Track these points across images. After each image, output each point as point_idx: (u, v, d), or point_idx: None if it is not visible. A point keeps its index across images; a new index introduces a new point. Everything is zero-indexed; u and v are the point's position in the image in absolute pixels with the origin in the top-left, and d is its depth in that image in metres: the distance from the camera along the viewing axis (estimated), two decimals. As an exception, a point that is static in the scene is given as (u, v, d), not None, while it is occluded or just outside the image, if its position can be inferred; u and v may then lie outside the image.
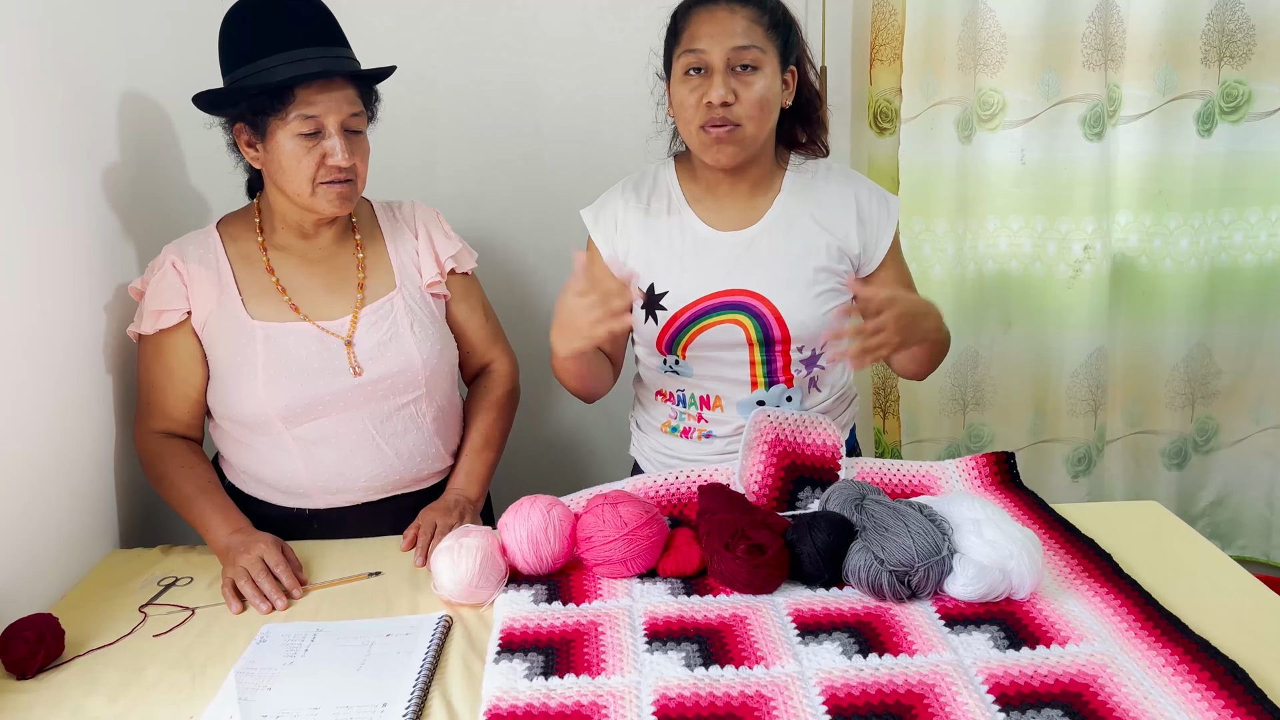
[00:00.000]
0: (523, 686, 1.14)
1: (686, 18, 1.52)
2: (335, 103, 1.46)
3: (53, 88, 1.49)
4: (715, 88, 1.47)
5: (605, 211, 1.67)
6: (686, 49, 1.50)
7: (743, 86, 1.49)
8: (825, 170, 1.65)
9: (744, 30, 1.48)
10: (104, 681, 1.22)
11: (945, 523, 1.34)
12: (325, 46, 1.47)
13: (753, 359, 1.60)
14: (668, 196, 1.64)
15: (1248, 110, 2.34)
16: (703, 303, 1.58)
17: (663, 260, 1.61)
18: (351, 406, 1.57)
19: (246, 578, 1.40)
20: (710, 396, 1.65)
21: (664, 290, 1.60)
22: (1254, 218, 2.42)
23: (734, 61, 1.48)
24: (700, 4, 1.51)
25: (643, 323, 1.63)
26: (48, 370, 1.46)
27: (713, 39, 1.48)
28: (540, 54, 2.20)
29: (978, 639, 1.20)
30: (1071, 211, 2.35)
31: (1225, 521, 2.65)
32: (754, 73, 1.49)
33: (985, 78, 2.28)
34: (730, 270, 1.59)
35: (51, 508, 1.46)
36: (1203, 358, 2.51)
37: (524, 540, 1.37)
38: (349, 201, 1.53)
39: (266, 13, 1.46)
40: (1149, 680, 1.11)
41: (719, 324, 1.58)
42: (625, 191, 1.67)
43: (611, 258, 1.64)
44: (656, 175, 1.68)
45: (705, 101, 1.48)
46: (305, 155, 1.46)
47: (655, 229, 1.63)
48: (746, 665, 1.16)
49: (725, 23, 1.48)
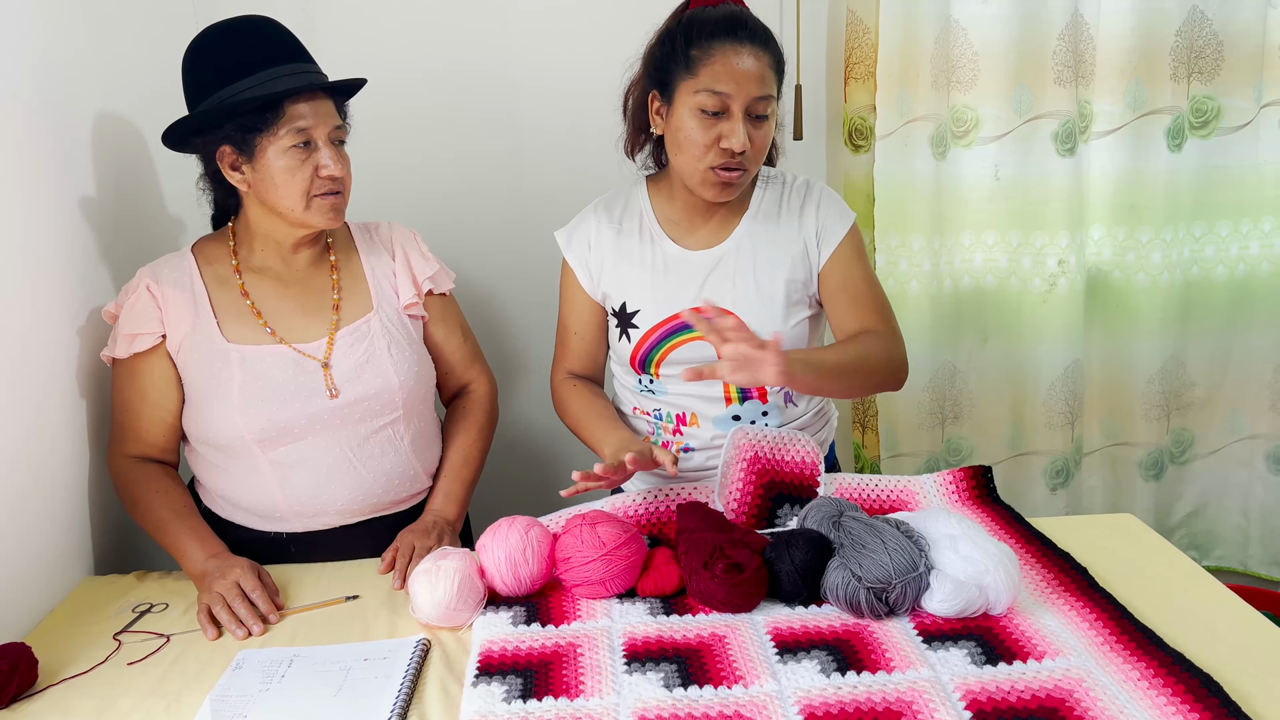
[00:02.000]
0: (501, 710, 1.13)
1: (708, 51, 1.47)
2: (321, 115, 1.48)
3: (26, 111, 1.49)
4: (736, 135, 1.46)
5: (578, 233, 1.68)
6: (708, 88, 1.46)
7: (756, 132, 1.49)
8: (790, 182, 1.67)
9: (764, 78, 1.47)
10: (78, 711, 1.21)
11: (922, 539, 1.34)
12: (301, 62, 1.49)
13: None
14: (639, 217, 1.66)
15: (1217, 125, 2.37)
16: (673, 321, 1.60)
17: (634, 279, 1.63)
18: (328, 429, 1.56)
19: (222, 603, 1.38)
20: (686, 414, 1.65)
21: (636, 309, 1.61)
22: (1225, 231, 2.45)
23: (753, 111, 1.48)
24: (724, 39, 1.47)
25: (617, 340, 1.65)
26: (21, 394, 1.44)
27: (738, 85, 1.45)
28: (520, 77, 2.22)
29: (955, 655, 1.20)
30: (1045, 226, 2.37)
31: (1202, 532, 2.67)
32: (766, 120, 1.50)
33: (959, 94, 2.30)
34: (700, 289, 1.60)
35: (25, 534, 1.44)
36: (1177, 370, 2.53)
37: (502, 562, 1.37)
38: (340, 214, 1.54)
39: (239, 36, 1.47)
40: (1124, 694, 1.11)
41: (690, 341, 1.60)
42: (598, 211, 1.68)
43: (586, 277, 1.66)
44: (629, 196, 1.69)
45: (723, 146, 1.48)
46: (299, 168, 1.47)
47: (627, 249, 1.64)
48: (725, 685, 1.16)
49: (751, 69, 1.46)
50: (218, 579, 1.42)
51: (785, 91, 1.63)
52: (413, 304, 1.67)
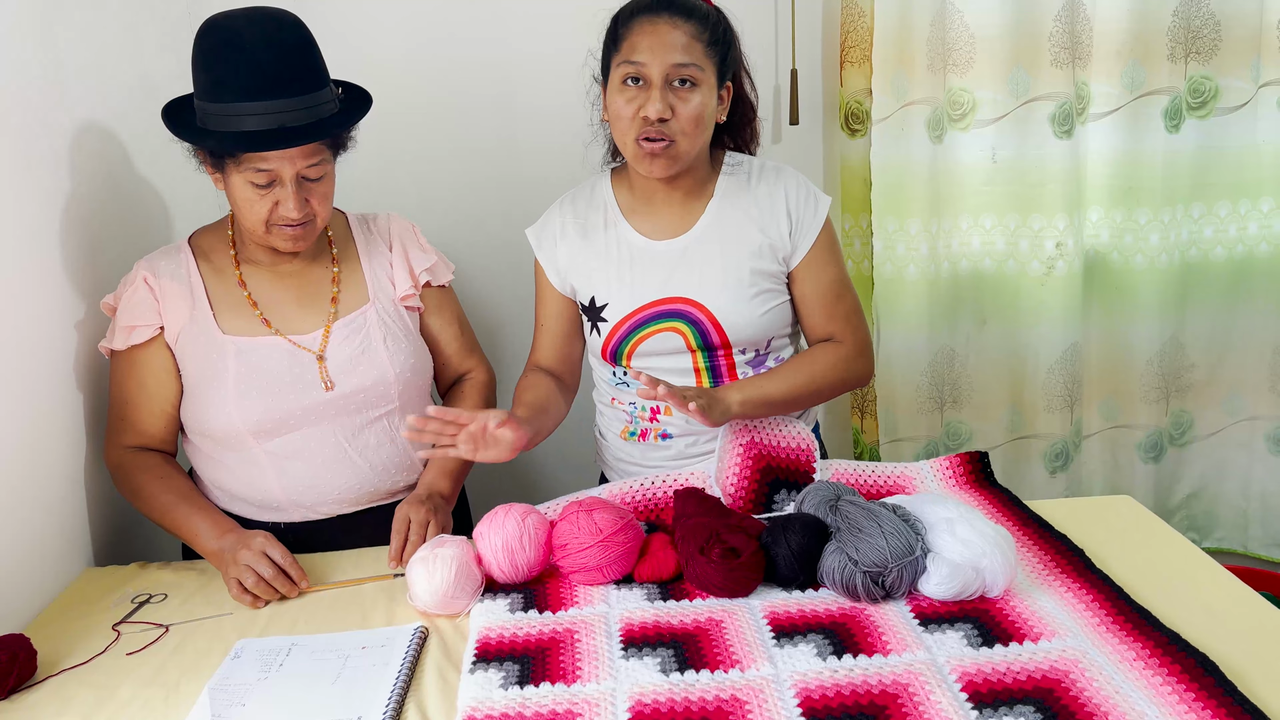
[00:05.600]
0: (498, 696, 1.14)
1: (628, 26, 1.51)
2: (290, 157, 1.43)
3: (15, 107, 1.48)
4: (653, 102, 1.47)
5: (545, 230, 1.69)
6: (626, 59, 1.49)
7: (679, 102, 1.49)
8: (758, 169, 1.65)
9: (684, 46, 1.48)
10: (77, 701, 1.21)
11: (919, 522, 1.34)
12: (288, 98, 1.41)
13: (696, 365, 1.61)
14: (604, 209, 1.66)
15: (1214, 105, 2.36)
16: (641, 312, 1.60)
17: (601, 272, 1.63)
18: (324, 420, 1.56)
19: (253, 574, 1.40)
20: (661, 405, 1.65)
21: (604, 302, 1.61)
22: (1223, 211, 2.44)
23: (672, 76, 1.48)
24: (642, 14, 1.50)
25: (589, 334, 1.66)
26: (17, 388, 1.45)
27: (653, 52, 1.47)
28: (516, 67, 2.21)
29: (951, 637, 1.21)
30: (1043, 209, 2.36)
31: (1202, 513, 2.67)
32: (691, 89, 1.49)
33: (955, 78, 2.29)
34: (666, 279, 1.60)
35: (23, 527, 1.44)
36: (1176, 351, 2.53)
37: (499, 549, 1.37)
38: (304, 241, 1.52)
39: (228, 52, 1.41)
40: (1120, 675, 1.11)
41: (658, 332, 1.60)
42: (563, 207, 1.69)
43: (555, 273, 1.67)
44: (594, 188, 1.69)
45: (642, 115, 1.48)
46: (258, 201, 1.46)
47: (593, 242, 1.64)
48: (722, 669, 1.16)
49: (666, 36, 1.48)
50: (241, 550, 1.42)
51: (745, 80, 1.63)
52: (409, 295, 1.66)
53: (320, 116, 1.45)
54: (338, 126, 1.49)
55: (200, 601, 1.44)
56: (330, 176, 1.52)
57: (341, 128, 1.50)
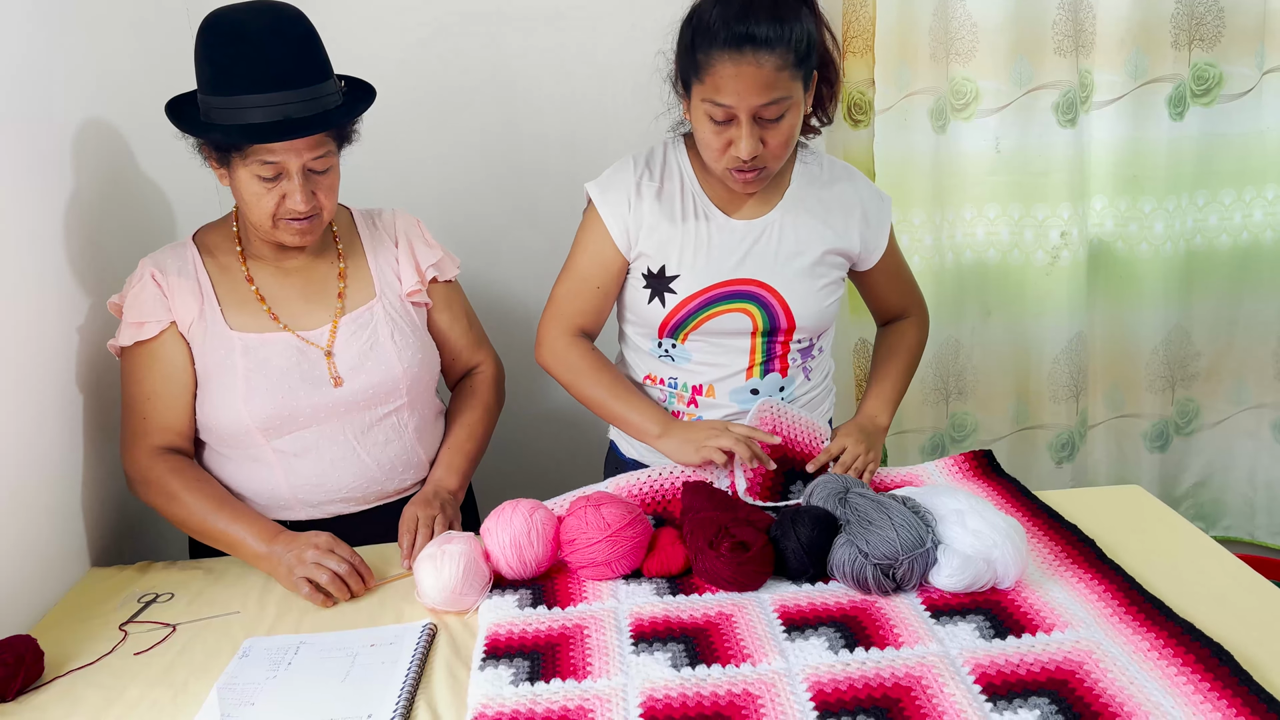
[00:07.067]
0: (508, 693, 1.13)
1: (709, 58, 1.40)
2: (296, 149, 1.42)
3: (17, 104, 1.47)
4: (744, 140, 1.42)
5: (615, 186, 1.60)
6: (709, 98, 1.41)
7: (770, 134, 1.44)
8: (829, 164, 1.65)
9: (769, 85, 1.39)
10: (85, 702, 1.20)
11: (929, 514, 1.34)
12: (294, 89, 1.39)
13: (753, 347, 1.60)
14: (680, 177, 1.60)
15: (1218, 92, 2.35)
16: (714, 290, 1.57)
17: (677, 242, 1.57)
18: (333, 418, 1.55)
19: (327, 571, 1.39)
20: (704, 385, 1.63)
21: (676, 274, 1.58)
22: (1228, 199, 2.43)
23: (761, 115, 1.42)
24: (725, 49, 1.38)
25: (646, 304, 1.60)
26: (18, 388, 1.44)
27: (740, 96, 1.39)
28: (517, 60, 2.20)
29: (964, 629, 1.20)
30: (1047, 198, 2.35)
31: (1209, 502, 2.66)
32: (780, 118, 1.43)
33: (958, 67, 2.28)
34: (743, 259, 1.57)
35: (25, 529, 1.43)
36: (1181, 340, 2.52)
37: (507, 545, 1.37)
38: (310, 235, 1.51)
39: (233, 44, 1.39)
40: (1134, 665, 1.11)
41: (727, 312, 1.57)
42: (638, 167, 1.60)
43: (621, 233, 1.59)
44: (666, 155, 1.62)
45: (732, 153, 1.44)
46: (265, 195, 1.44)
47: (670, 211, 1.58)
48: (733, 664, 1.16)
49: (752, 79, 1.38)
50: (308, 549, 1.42)
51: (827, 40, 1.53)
52: (415, 291, 1.65)
53: (326, 108, 1.45)
54: (344, 117, 1.48)
55: (207, 601, 1.43)
56: (336, 169, 1.51)
57: (347, 118, 1.49)
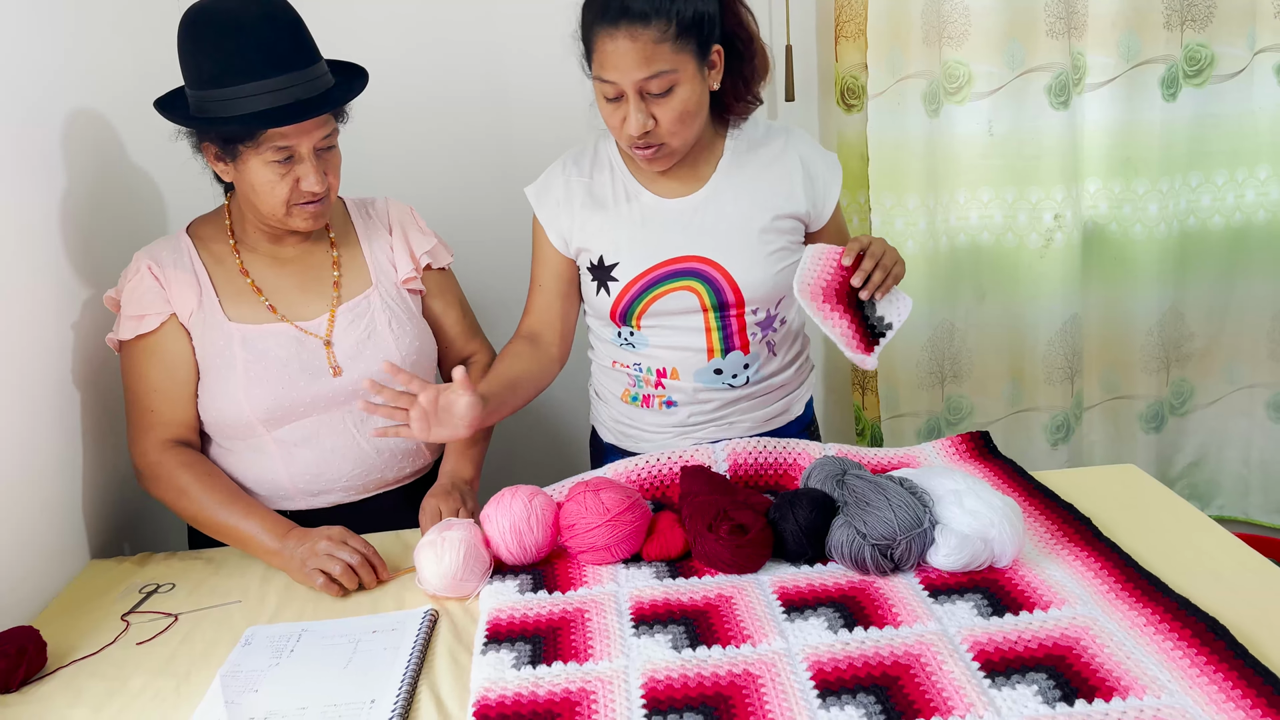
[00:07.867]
0: (511, 676, 1.14)
1: (593, 35, 1.44)
2: (307, 130, 1.43)
3: (7, 98, 1.47)
4: (632, 116, 1.44)
5: (548, 189, 1.65)
6: (598, 75, 1.45)
7: (659, 108, 1.45)
8: (765, 128, 1.65)
9: (647, 58, 1.40)
10: (88, 692, 1.21)
11: (926, 495, 1.34)
12: (295, 71, 1.40)
13: (708, 325, 1.60)
14: (610, 169, 1.63)
15: (1211, 73, 2.35)
16: (654, 271, 1.58)
17: (611, 231, 1.60)
18: (333, 407, 1.56)
19: (340, 562, 1.39)
20: (667, 368, 1.64)
21: (614, 261, 1.59)
22: (1221, 180, 2.44)
23: (644, 89, 1.44)
24: (600, 25, 1.42)
25: (594, 295, 1.63)
26: (15, 382, 1.44)
27: (619, 71, 1.42)
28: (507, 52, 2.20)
29: (961, 608, 1.21)
30: (1041, 181, 2.36)
31: (1204, 482, 2.67)
32: (669, 92, 1.44)
33: (950, 51, 2.28)
34: (679, 237, 1.58)
35: (25, 522, 1.44)
36: (1175, 321, 2.53)
37: (507, 531, 1.37)
38: (322, 218, 1.52)
39: (231, 35, 1.39)
40: (1131, 640, 1.12)
41: (672, 291, 1.58)
42: (566, 166, 1.65)
43: (558, 235, 1.63)
44: (597, 148, 1.66)
45: (625, 131, 1.47)
46: (279, 181, 1.44)
47: (601, 200, 1.61)
48: (734, 645, 1.16)
49: (627, 54, 1.40)
50: (321, 541, 1.42)
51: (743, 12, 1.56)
52: (411, 278, 1.65)
53: (327, 87, 1.46)
54: (349, 94, 1.49)
55: (208, 590, 1.44)
56: (338, 149, 1.52)
57: (351, 95, 1.50)
